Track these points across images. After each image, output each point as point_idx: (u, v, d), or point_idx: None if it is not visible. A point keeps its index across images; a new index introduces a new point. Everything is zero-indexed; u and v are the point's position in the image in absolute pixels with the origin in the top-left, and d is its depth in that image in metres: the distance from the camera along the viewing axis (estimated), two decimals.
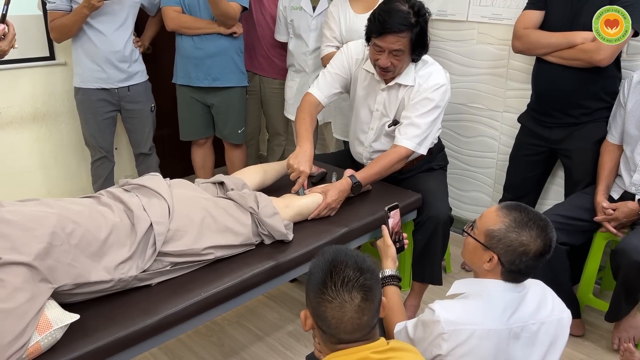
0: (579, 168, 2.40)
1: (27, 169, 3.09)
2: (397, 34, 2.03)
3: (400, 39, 2.05)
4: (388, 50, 2.08)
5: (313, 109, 2.32)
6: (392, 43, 2.05)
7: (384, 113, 2.31)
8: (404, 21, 2.02)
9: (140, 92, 2.94)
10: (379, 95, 2.29)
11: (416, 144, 2.19)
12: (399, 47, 2.06)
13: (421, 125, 2.18)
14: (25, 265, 1.28)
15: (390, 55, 2.09)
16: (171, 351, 2.24)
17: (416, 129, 2.18)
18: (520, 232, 1.38)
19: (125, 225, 1.55)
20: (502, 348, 1.40)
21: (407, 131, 2.19)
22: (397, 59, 2.10)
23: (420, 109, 2.18)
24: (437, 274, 2.32)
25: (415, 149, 2.20)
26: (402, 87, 2.22)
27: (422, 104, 2.18)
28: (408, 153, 2.20)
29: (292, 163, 2.10)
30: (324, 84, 2.35)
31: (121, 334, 1.41)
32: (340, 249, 1.25)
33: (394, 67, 2.13)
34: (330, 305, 1.15)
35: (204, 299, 1.58)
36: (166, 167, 3.24)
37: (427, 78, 2.19)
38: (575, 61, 2.23)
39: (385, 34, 2.04)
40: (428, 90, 2.17)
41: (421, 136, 2.19)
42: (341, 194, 2.07)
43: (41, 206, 1.45)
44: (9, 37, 1.60)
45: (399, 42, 2.05)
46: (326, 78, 2.36)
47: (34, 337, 1.26)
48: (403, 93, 2.23)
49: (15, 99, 2.96)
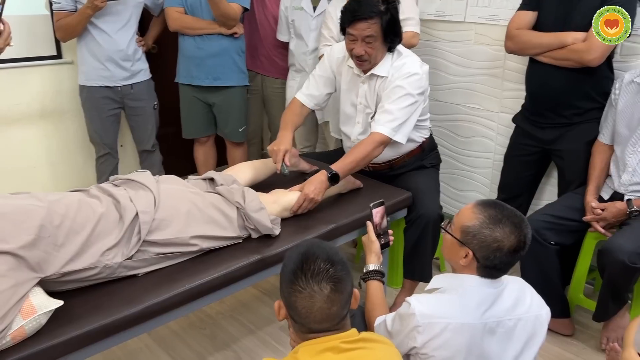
0: (571, 168, 2.40)
1: (35, 165, 3.17)
2: (367, 20, 2.11)
3: (371, 25, 2.12)
4: (360, 37, 2.14)
5: (297, 109, 2.42)
6: (363, 30, 2.12)
7: (366, 105, 2.35)
8: (373, 8, 2.10)
9: (143, 90, 3.01)
10: (360, 88, 2.34)
11: (391, 129, 2.18)
12: (370, 33, 2.12)
13: (393, 111, 2.19)
14: (11, 254, 1.34)
15: (363, 43, 2.15)
16: (165, 342, 2.31)
17: (389, 115, 2.19)
18: (494, 228, 1.41)
19: (112, 215, 1.61)
20: (476, 342, 1.42)
21: (381, 118, 2.21)
22: (370, 47, 2.16)
23: (392, 96, 2.21)
24: (427, 271, 2.35)
25: (391, 135, 2.18)
26: (379, 79, 2.27)
27: (394, 91, 2.21)
28: (383, 139, 2.18)
29: (270, 147, 2.20)
30: (306, 87, 2.45)
31: (105, 321, 1.46)
32: (314, 242, 1.29)
33: (369, 55, 2.19)
34: (300, 295, 1.19)
35: (188, 290, 1.63)
36: (169, 164, 3.30)
37: (400, 68, 2.23)
38: (566, 61, 2.24)
39: (356, 21, 2.12)
40: (399, 78, 2.21)
41: (394, 122, 2.18)
42: (319, 185, 2.05)
43: (31, 199, 1.51)
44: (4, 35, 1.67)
45: (370, 28, 2.12)
46: (310, 81, 2.45)
47: (18, 321, 1.32)
48: (379, 84, 2.28)
49: (24, 97, 3.04)
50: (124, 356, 2.23)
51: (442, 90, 3.08)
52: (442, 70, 3.05)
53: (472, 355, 1.42)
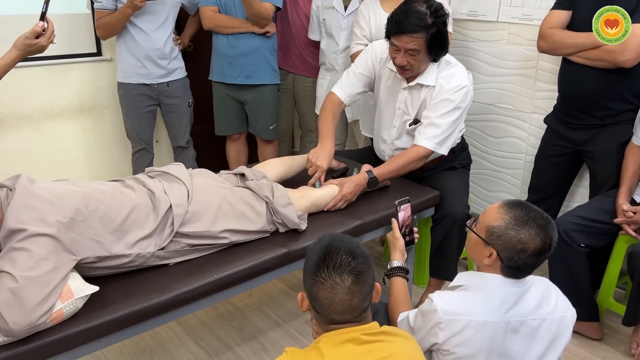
0: (603, 170, 2.37)
1: (74, 158, 3.29)
2: (412, 34, 2.07)
3: (415, 39, 2.08)
4: (404, 49, 2.12)
5: (336, 107, 2.39)
6: (407, 43, 2.09)
7: (405, 111, 2.35)
8: (419, 22, 2.05)
9: (178, 88, 3.09)
10: (401, 93, 2.33)
11: (435, 144, 2.21)
12: (413, 46, 2.09)
13: (441, 125, 2.20)
14: (50, 237, 1.42)
15: (406, 54, 2.13)
16: (194, 332, 2.37)
17: (436, 129, 2.20)
18: (519, 229, 1.41)
19: (146, 206, 1.68)
20: (498, 340, 1.42)
21: (427, 131, 2.22)
22: (413, 58, 2.14)
23: (441, 109, 2.20)
24: (452, 270, 2.35)
25: (435, 149, 2.22)
26: (424, 88, 2.25)
27: (443, 104, 2.20)
28: (427, 153, 2.22)
29: (311, 158, 2.18)
30: (347, 83, 2.41)
31: (137, 308, 1.53)
32: (337, 235, 1.32)
33: (411, 65, 2.16)
34: (322, 286, 1.23)
35: (217, 280, 1.68)
36: (203, 160, 3.38)
37: (449, 79, 2.21)
38: (599, 62, 2.21)
39: (400, 33, 2.09)
40: (449, 91, 2.19)
41: (441, 136, 2.21)
42: (357, 187, 2.13)
43: (69, 185, 1.59)
44: (48, 33, 1.75)
45: (414, 42, 2.09)
46: (349, 77, 2.42)
47: (57, 305, 1.39)
48: (425, 93, 2.26)
49: (65, 92, 3.16)
50: (155, 344, 2.31)
51: (474, 90, 3.04)
52: (474, 70, 3.03)
53: (494, 354, 1.42)
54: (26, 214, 1.43)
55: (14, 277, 1.35)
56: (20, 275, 1.35)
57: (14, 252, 1.39)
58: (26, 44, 1.81)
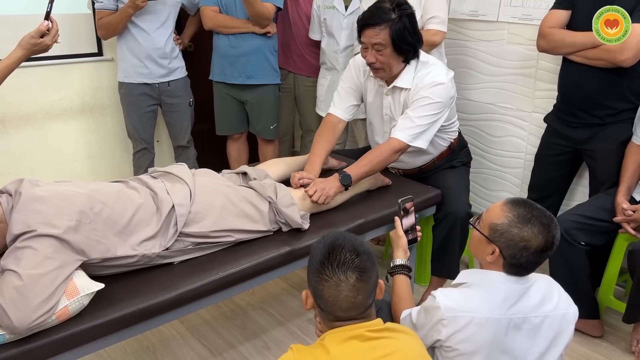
0: (603, 169, 2.38)
1: (75, 158, 3.29)
2: (374, 27, 2.09)
3: (379, 31, 2.09)
4: (370, 45, 2.13)
5: (332, 130, 2.36)
6: (372, 37, 2.11)
7: (391, 116, 2.35)
8: (382, 15, 2.08)
9: (179, 87, 3.10)
10: (385, 99, 2.33)
11: (409, 136, 2.16)
12: (378, 40, 2.10)
13: (414, 119, 2.17)
14: (56, 237, 1.43)
15: (373, 50, 2.13)
16: (197, 331, 2.38)
17: (410, 122, 2.17)
18: (522, 227, 1.42)
19: (150, 207, 1.68)
20: (500, 337, 1.43)
21: (401, 124, 2.20)
22: (380, 54, 2.13)
23: (416, 104, 2.18)
24: (454, 268, 2.36)
25: (409, 142, 2.17)
26: (404, 91, 2.25)
27: (419, 101, 2.18)
28: (401, 145, 2.18)
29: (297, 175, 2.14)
30: (339, 101, 2.41)
31: (142, 306, 1.54)
32: (340, 233, 1.33)
33: (381, 63, 2.15)
34: (326, 284, 1.24)
35: (221, 278, 1.70)
36: (203, 160, 3.39)
37: (424, 78, 2.19)
38: (598, 61, 2.22)
39: (364, 28, 2.12)
40: (424, 87, 2.18)
41: (415, 130, 2.16)
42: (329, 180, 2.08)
43: (73, 187, 1.60)
44: (52, 32, 1.76)
45: (378, 35, 2.09)
46: (340, 94, 2.42)
47: (63, 302, 1.40)
48: (404, 96, 2.25)
49: (66, 92, 3.16)
50: (158, 343, 2.31)
51: (474, 89, 3.08)
52: (475, 69, 3.05)
53: (496, 350, 1.44)
54: (33, 217, 1.44)
55: (19, 275, 1.36)
56: (25, 273, 1.36)
57: (19, 251, 1.40)
58: (32, 43, 1.82)
